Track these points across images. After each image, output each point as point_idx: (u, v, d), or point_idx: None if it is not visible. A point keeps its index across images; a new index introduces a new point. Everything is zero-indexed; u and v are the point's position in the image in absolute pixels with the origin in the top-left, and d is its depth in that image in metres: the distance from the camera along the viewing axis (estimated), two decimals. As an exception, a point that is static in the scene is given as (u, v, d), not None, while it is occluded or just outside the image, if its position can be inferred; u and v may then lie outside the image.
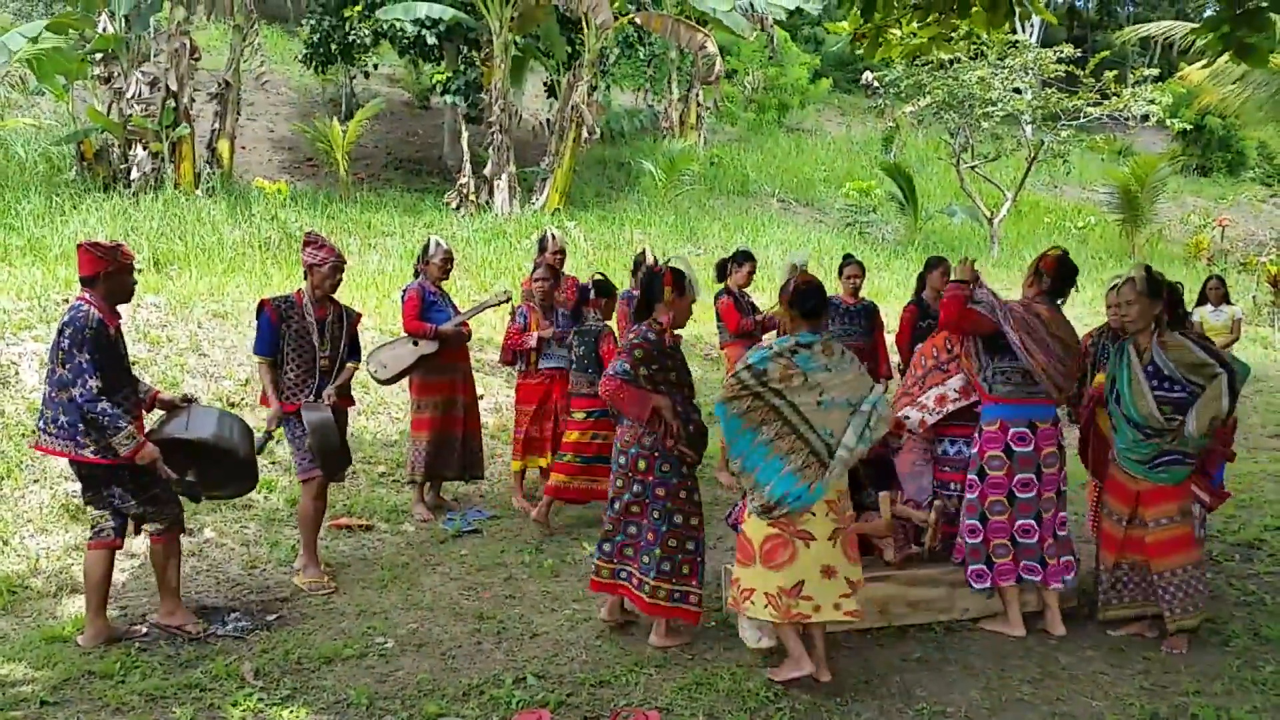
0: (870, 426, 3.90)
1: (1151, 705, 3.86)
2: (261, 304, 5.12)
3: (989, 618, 4.69)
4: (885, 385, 4.90)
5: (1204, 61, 13.39)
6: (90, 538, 4.38)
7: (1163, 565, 4.35)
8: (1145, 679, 4.12)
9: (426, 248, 6.41)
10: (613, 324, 6.50)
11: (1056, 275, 4.65)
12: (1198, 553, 4.42)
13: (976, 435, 4.69)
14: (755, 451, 3.90)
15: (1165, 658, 4.31)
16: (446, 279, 6.50)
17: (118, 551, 4.44)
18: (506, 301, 6.66)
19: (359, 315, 5.46)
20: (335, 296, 5.30)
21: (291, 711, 3.78)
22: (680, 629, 4.50)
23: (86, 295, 4.26)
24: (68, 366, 4.10)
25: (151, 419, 4.65)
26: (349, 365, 5.30)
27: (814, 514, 3.89)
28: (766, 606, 3.94)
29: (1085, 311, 12.43)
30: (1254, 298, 16.70)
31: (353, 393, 5.49)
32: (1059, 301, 4.70)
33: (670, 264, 4.53)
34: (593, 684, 4.04)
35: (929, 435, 5.07)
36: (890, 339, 7.36)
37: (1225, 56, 4.82)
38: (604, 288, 6.25)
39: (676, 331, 4.60)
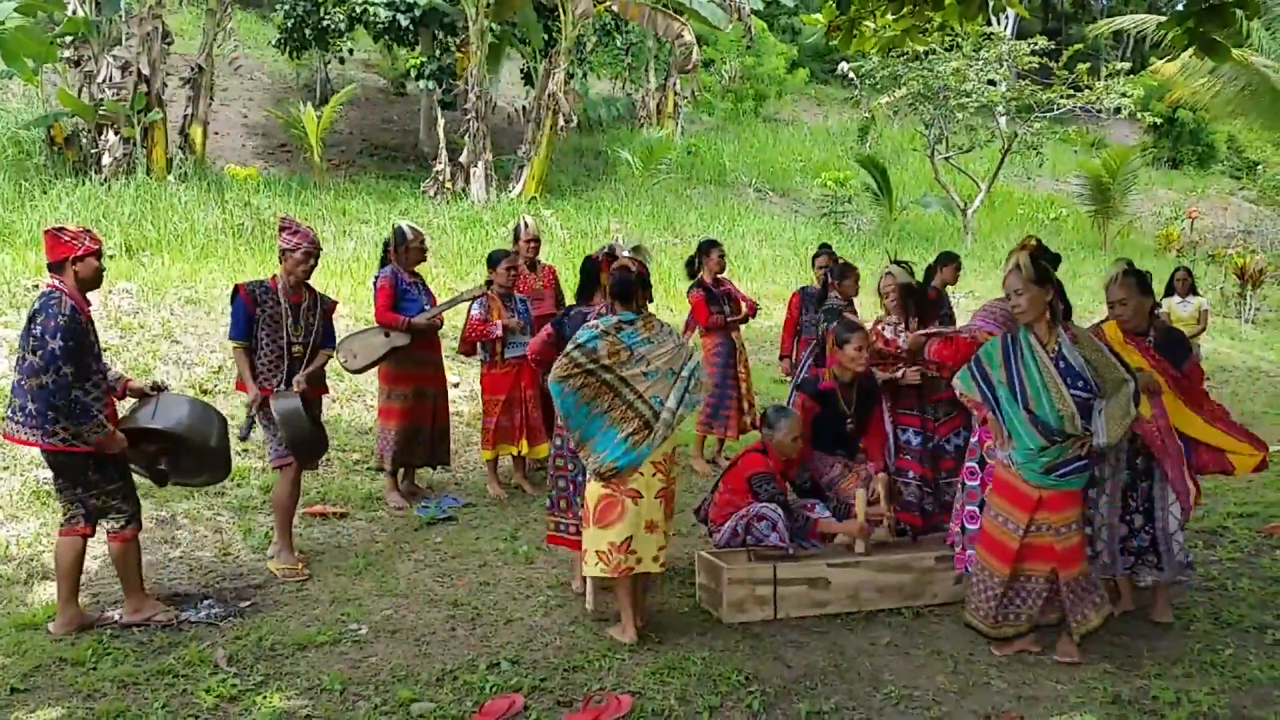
0: (689, 390, 4.30)
1: (1114, 688, 3.94)
2: (236, 289, 5.10)
3: (962, 603, 4.74)
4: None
5: (1175, 55, 13.52)
6: (61, 524, 4.35)
7: (1070, 573, 4.12)
8: (1109, 663, 4.19)
9: (404, 236, 6.28)
10: (855, 303, 7.03)
11: None
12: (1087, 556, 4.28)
13: (975, 424, 4.65)
14: (591, 423, 4.24)
15: (1129, 642, 4.38)
16: (423, 261, 6.47)
17: (89, 539, 4.41)
18: (483, 295, 6.64)
19: (334, 303, 5.45)
20: (310, 283, 5.28)
21: (265, 697, 3.78)
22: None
23: (57, 282, 4.23)
24: (39, 354, 4.06)
25: (124, 408, 4.62)
26: (323, 352, 5.29)
27: (642, 473, 4.22)
28: (598, 564, 4.26)
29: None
30: (1221, 289, 16.95)
31: (327, 380, 5.48)
32: None
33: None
34: (566, 669, 4.08)
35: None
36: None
37: (1192, 50, 4.88)
38: (844, 270, 6.93)
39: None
